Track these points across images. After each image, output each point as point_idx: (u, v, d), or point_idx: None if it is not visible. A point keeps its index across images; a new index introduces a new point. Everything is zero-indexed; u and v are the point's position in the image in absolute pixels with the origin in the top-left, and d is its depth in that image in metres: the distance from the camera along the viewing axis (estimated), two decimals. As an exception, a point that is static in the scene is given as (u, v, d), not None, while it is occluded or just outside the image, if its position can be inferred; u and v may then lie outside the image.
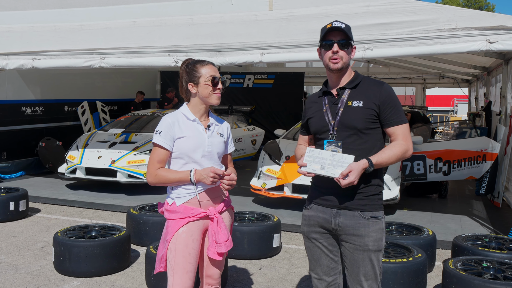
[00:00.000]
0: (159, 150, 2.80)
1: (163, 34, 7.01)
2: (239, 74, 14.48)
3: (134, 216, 5.61)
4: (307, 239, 2.78)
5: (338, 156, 2.53)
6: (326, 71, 2.72)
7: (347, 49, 2.62)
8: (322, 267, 2.74)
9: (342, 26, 2.60)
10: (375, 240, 2.61)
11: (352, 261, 2.64)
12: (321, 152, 2.56)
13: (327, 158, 2.53)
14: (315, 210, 2.73)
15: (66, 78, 11.31)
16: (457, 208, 7.69)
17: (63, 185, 9.07)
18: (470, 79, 16.32)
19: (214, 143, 2.86)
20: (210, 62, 2.90)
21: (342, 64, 2.61)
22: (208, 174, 2.71)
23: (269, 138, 10.65)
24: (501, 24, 5.29)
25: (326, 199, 2.67)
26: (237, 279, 4.63)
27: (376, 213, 2.64)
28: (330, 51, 2.60)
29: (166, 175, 2.78)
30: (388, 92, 2.63)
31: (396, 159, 2.58)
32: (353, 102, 2.62)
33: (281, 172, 7.27)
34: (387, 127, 2.63)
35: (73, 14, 7.60)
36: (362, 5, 5.91)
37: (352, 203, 2.62)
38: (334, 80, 2.70)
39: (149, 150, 8.42)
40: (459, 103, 27.80)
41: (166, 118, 2.84)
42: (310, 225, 2.75)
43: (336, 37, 2.60)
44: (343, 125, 2.61)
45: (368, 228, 2.61)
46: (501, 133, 7.85)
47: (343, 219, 2.63)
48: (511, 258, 4.25)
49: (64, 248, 4.59)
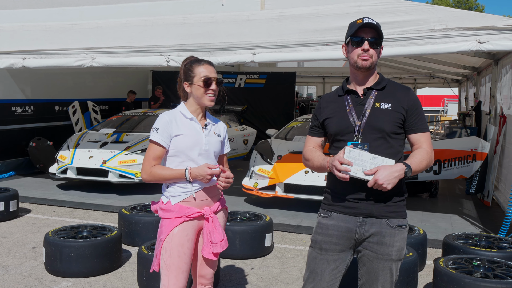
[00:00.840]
0: (156, 147, 2.79)
1: (154, 33, 6.99)
2: (231, 74, 14.48)
3: (125, 216, 5.59)
4: (318, 249, 2.57)
5: (379, 159, 2.35)
6: (350, 69, 2.58)
7: (377, 48, 2.49)
8: (322, 282, 2.56)
9: (374, 23, 2.47)
10: (398, 250, 2.51)
11: (370, 270, 2.52)
12: (361, 154, 2.35)
13: (367, 160, 2.34)
14: (335, 219, 2.54)
15: (57, 78, 11.25)
16: (448, 207, 7.75)
17: (54, 185, 9.02)
18: (460, 79, 16.44)
19: (211, 142, 2.86)
20: (207, 61, 2.87)
21: (371, 62, 2.47)
22: (205, 172, 2.69)
23: (260, 138, 10.66)
24: (491, 25, 5.34)
25: (350, 206, 2.50)
26: (229, 279, 4.63)
27: (402, 221, 2.53)
28: (360, 49, 2.46)
29: (161, 173, 2.77)
30: (415, 98, 2.54)
31: (425, 166, 2.45)
32: (381, 104, 2.49)
33: (273, 172, 7.28)
34: (412, 133, 2.51)
35: (64, 13, 7.56)
36: (354, 5, 5.93)
37: (379, 211, 2.47)
38: (360, 79, 2.55)
39: (140, 150, 8.39)
40: (449, 103, 27.98)
41: (164, 116, 2.83)
42: (327, 234, 2.55)
43: (367, 34, 2.47)
44: (370, 127, 2.46)
45: (393, 237, 2.49)
46: (490, 132, 7.91)
47: (369, 228, 2.48)
48: (501, 256, 4.29)
49: (55, 249, 4.57)
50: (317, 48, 6.10)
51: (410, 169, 2.37)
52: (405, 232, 2.54)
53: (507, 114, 7.20)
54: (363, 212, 2.48)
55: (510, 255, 4.37)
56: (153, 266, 2.88)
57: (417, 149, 2.51)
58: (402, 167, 2.35)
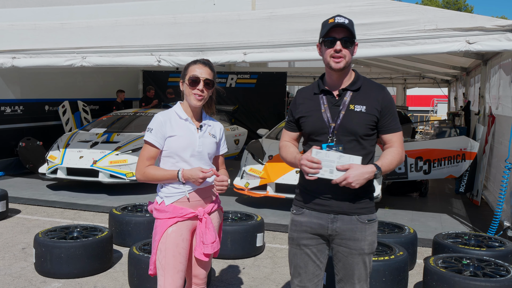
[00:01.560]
0: (149, 148, 2.79)
1: (145, 33, 6.97)
2: (222, 73, 14.46)
3: (116, 217, 5.56)
4: (296, 245, 2.64)
5: (346, 158, 2.40)
6: (325, 69, 2.58)
7: (350, 47, 2.48)
8: (307, 274, 2.63)
9: (345, 22, 2.44)
10: (370, 243, 2.58)
11: (346, 265, 2.59)
12: (328, 154, 2.40)
13: (334, 160, 2.39)
14: (308, 216, 2.60)
15: (47, 77, 11.17)
16: (437, 207, 7.81)
17: (44, 185, 8.96)
18: (449, 80, 16.56)
19: (205, 143, 2.85)
20: (203, 62, 2.84)
21: (344, 63, 2.47)
22: (197, 175, 2.69)
23: (252, 138, 10.66)
24: (480, 25, 5.39)
25: (322, 204, 2.56)
26: (221, 279, 4.63)
27: (372, 215, 2.59)
28: (332, 49, 2.46)
29: (154, 173, 2.78)
30: (390, 98, 2.56)
31: (395, 166, 2.53)
32: (355, 106, 2.50)
33: (264, 172, 7.29)
34: (385, 133, 2.56)
35: (54, 12, 7.51)
36: (344, 5, 5.96)
37: (350, 207, 2.53)
38: (334, 79, 2.55)
39: (131, 150, 8.37)
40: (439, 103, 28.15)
41: (158, 116, 2.83)
42: (301, 231, 2.61)
43: (339, 34, 2.45)
44: (344, 129, 2.49)
45: (364, 232, 2.55)
46: (479, 132, 7.98)
47: (341, 224, 2.55)
48: (490, 255, 4.34)
49: (45, 249, 4.54)
50: (308, 48, 6.12)
51: (380, 171, 2.45)
52: (375, 226, 2.62)
53: (496, 114, 7.26)
54: (334, 209, 2.55)
55: (499, 254, 4.42)
56: (150, 270, 2.88)
57: (389, 149, 2.57)
58: (373, 169, 2.43)
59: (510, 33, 5.28)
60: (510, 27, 5.28)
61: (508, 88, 6.02)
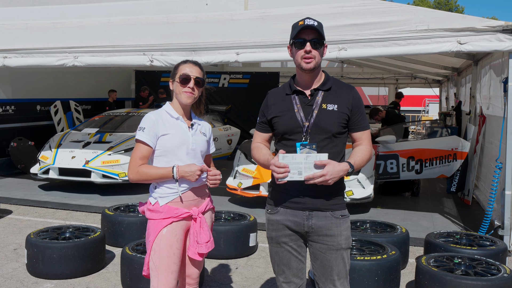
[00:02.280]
0: (142, 147, 2.79)
1: (137, 33, 6.95)
2: (215, 73, 14.45)
3: (109, 217, 5.55)
4: (276, 244, 2.70)
5: (312, 156, 2.46)
6: (296, 70, 2.65)
7: (319, 48, 2.56)
8: (292, 270, 2.69)
9: (314, 24, 2.53)
10: (346, 238, 2.63)
11: (324, 262, 2.62)
12: (294, 157, 2.46)
13: (302, 162, 2.45)
14: (283, 214, 2.65)
15: (38, 77, 11.10)
16: (429, 206, 7.85)
17: (36, 185, 8.91)
18: (441, 80, 16.65)
19: (198, 141, 2.87)
20: (193, 61, 2.89)
21: (314, 63, 2.54)
22: (194, 170, 2.71)
23: (244, 138, 10.69)
24: (471, 26, 5.43)
25: (297, 201, 2.61)
26: (214, 279, 4.64)
27: (344, 211, 2.66)
28: (303, 50, 2.53)
29: (148, 171, 2.77)
30: (359, 97, 2.65)
31: (365, 163, 2.62)
32: (327, 105, 2.58)
33: (257, 172, 7.30)
34: (355, 131, 2.65)
35: (45, 11, 7.47)
36: (336, 5, 5.98)
37: (323, 204, 2.60)
38: (306, 80, 2.62)
39: (124, 150, 8.35)
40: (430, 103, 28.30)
41: (150, 115, 2.83)
42: (278, 229, 2.67)
43: (308, 36, 2.53)
44: (317, 128, 2.56)
45: (340, 227, 2.61)
46: (470, 132, 8.04)
47: (316, 221, 2.60)
48: (481, 254, 4.38)
49: (37, 250, 4.52)
50: (301, 48, 6.13)
51: (353, 169, 2.54)
52: (348, 222, 2.68)
53: (487, 114, 7.32)
54: (308, 206, 2.60)
55: (490, 253, 4.46)
56: (144, 271, 2.88)
57: (359, 146, 2.66)
58: (347, 167, 2.50)
59: (500, 34, 5.33)
60: (501, 28, 5.32)
61: (499, 88, 6.07)
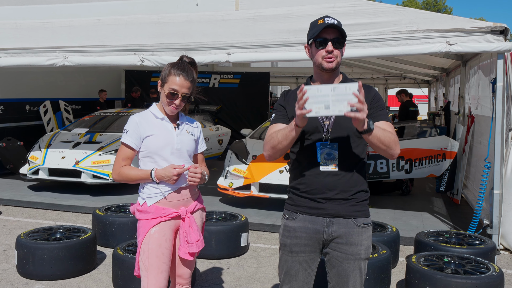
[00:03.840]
0: (125, 149, 2.83)
1: (128, 32, 6.93)
2: (205, 73, 14.45)
3: (100, 217, 5.53)
4: (288, 252, 2.55)
5: (341, 88, 2.18)
6: (314, 70, 2.55)
7: (341, 47, 2.46)
8: (298, 282, 2.55)
9: (335, 23, 2.43)
10: (366, 248, 2.51)
11: (340, 271, 2.50)
12: (319, 89, 2.20)
13: (328, 94, 2.18)
14: (302, 221, 2.51)
15: (28, 77, 11.02)
16: (419, 205, 7.91)
17: (25, 186, 8.84)
18: (429, 80, 16.79)
19: (183, 141, 2.87)
20: (184, 74, 2.79)
21: (336, 63, 2.45)
22: (170, 172, 2.72)
23: (235, 138, 10.68)
24: (460, 27, 5.48)
25: (317, 207, 2.47)
26: (206, 279, 4.64)
27: (367, 219, 2.53)
28: (324, 50, 2.42)
29: (128, 173, 2.81)
30: (378, 94, 2.56)
31: (387, 143, 2.35)
32: None
33: (248, 172, 7.31)
34: (375, 121, 2.40)
35: (35, 11, 7.41)
36: (327, 6, 6.00)
37: (346, 210, 2.46)
38: (324, 80, 2.50)
39: (114, 150, 8.30)
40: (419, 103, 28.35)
41: (134, 117, 2.86)
42: (295, 237, 2.52)
43: (330, 35, 2.43)
44: (339, 126, 2.46)
45: (361, 236, 2.49)
46: (459, 132, 8.11)
47: (337, 228, 2.47)
48: (471, 252, 4.43)
49: (27, 251, 4.49)
50: (292, 48, 6.16)
51: (372, 128, 2.28)
52: (370, 230, 2.55)
53: (475, 114, 7.39)
54: (329, 212, 2.47)
55: (479, 251, 4.51)
56: (135, 271, 2.88)
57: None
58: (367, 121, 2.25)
59: (489, 35, 5.39)
60: (489, 29, 5.38)
61: (487, 88, 6.14)
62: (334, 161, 2.44)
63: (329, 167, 2.44)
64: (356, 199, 2.48)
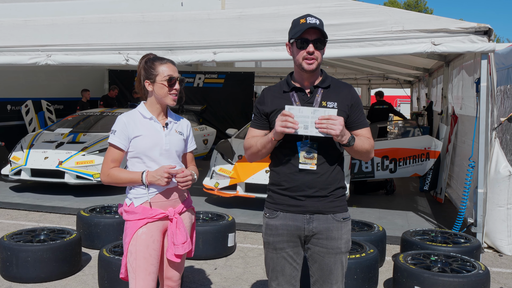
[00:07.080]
0: (113, 150, 2.77)
1: (113, 31, 6.85)
2: (190, 73, 14.38)
3: (84, 218, 5.46)
4: (273, 249, 2.60)
5: (320, 111, 2.33)
6: (295, 69, 2.56)
7: (322, 48, 2.48)
8: (285, 277, 2.60)
9: (317, 23, 2.43)
10: (346, 242, 2.58)
11: (322, 265, 2.57)
12: (301, 110, 2.35)
13: (308, 116, 2.33)
14: (283, 218, 2.56)
15: (9, 76, 10.83)
16: (403, 205, 7.97)
17: (7, 187, 8.68)
18: (412, 80, 16.96)
19: (172, 141, 2.83)
20: (169, 60, 2.83)
21: (316, 64, 2.47)
22: (161, 175, 2.67)
23: (220, 138, 10.64)
24: (445, 27, 5.54)
25: (296, 204, 2.53)
26: (193, 280, 4.61)
27: (346, 213, 2.59)
28: (305, 51, 2.44)
29: (118, 175, 2.75)
30: (357, 95, 2.60)
31: (365, 151, 2.51)
32: (327, 102, 2.50)
33: (234, 172, 7.29)
34: (356, 129, 2.55)
35: (17, 8, 7.28)
36: (313, 6, 6.01)
37: (325, 207, 2.53)
38: (304, 78, 2.53)
39: (98, 150, 8.21)
40: (402, 103, 28.74)
41: (122, 117, 2.80)
42: (278, 235, 2.57)
43: (311, 36, 2.43)
44: None
45: (341, 230, 2.55)
46: (443, 131, 8.20)
47: (317, 224, 2.53)
48: (456, 251, 4.48)
49: (10, 253, 4.41)
50: (278, 48, 6.15)
51: (354, 140, 2.44)
52: (349, 225, 2.62)
53: (459, 114, 7.48)
54: (309, 209, 2.52)
55: (465, 250, 4.56)
56: (121, 273, 2.83)
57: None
58: (349, 134, 2.43)
59: (473, 35, 5.45)
60: (473, 30, 5.44)
61: (471, 88, 6.21)
62: (313, 160, 2.50)
63: (308, 165, 2.50)
64: (334, 195, 2.55)
